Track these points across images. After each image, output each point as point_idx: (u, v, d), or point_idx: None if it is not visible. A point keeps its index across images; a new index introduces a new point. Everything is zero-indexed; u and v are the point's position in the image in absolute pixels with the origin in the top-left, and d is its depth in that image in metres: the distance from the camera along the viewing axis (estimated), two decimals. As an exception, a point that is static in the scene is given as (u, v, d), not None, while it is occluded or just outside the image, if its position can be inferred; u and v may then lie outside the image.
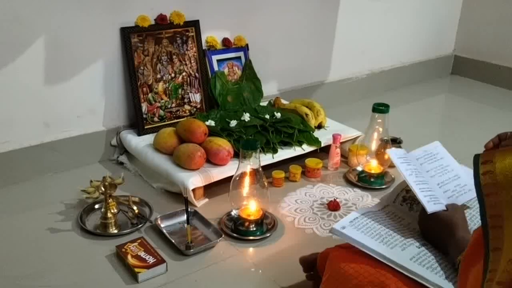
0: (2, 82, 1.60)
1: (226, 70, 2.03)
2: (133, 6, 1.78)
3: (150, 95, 1.85)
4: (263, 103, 2.08)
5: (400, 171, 1.17)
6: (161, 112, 1.88)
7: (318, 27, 2.35)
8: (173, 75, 1.90)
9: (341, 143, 1.85)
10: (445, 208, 1.10)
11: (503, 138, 0.89)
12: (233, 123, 1.81)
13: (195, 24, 1.92)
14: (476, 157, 0.76)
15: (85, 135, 1.81)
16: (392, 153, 1.24)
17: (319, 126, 1.96)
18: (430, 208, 1.08)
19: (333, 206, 1.60)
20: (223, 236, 1.41)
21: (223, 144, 1.65)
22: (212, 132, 1.73)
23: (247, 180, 1.44)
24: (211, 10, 1.97)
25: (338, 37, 2.44)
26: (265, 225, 1.48)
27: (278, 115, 1.88)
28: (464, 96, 2.78)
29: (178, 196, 1.62)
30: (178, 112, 1.92)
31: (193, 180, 1.56)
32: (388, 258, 1.00)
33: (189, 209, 1.40)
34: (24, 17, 1.58)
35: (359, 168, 1.79)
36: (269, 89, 2.22)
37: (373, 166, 1.76)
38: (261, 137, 1.76)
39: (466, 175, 1.26)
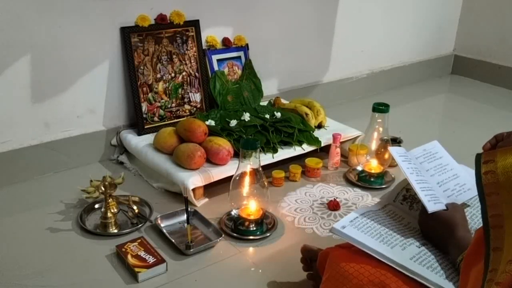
0: (2, 82, 1.60)
1: (226, 70, 2.03)
2: (133, 6, 1.78)
3: (150, 94, 1.85)
4: (263, 103, 2.08)
5: (402, 169, 1.17)
6: (161, 112, 1.88)
7: (318, 26, 2.35)
8: (173, 74, 1.90)
9: (341, 142, 1.85)
10: (445, 208, 1.10)
11: (500, 139, 0.89)
12: (233, 122, 1.81)
13: (195, 23, 1.93)
14: (478, 156, 0.76)
15: (85, 135, 1.81)
16: (394, 151, 1.24)
17: (319, 126, 1.96)
18: (431, 207, 1.08)
19: (333, 205, 1.60)
20: (223, 235, 1.41)
21: (223, 144, 1.65)
22: (212, 131, 1.73)
23: (247, 180, 1.44)
24: (211, 9, 1.97)
25: (338, 36, 2.44)
26: (265, 225, 1.48)
27: (278, 114, 1.88)
28: (464, 96, 2.78)
29: (178, 195, 1.62)
30: (178, 112, 1.92)
31: (193, 180, 1.56)
32: (388, 257, 1.00)
33: (189, 209, 1.40)
34: (24, 17, 1.58)
35: (359, 168, 1.79)
36: (269, 89, 2.22)
37: (373, 166, 1.75)
38: (261, 136, 1.76)
39: (465, 174, 1.26)
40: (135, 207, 1.50)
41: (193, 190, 1.56)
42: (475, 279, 0.81)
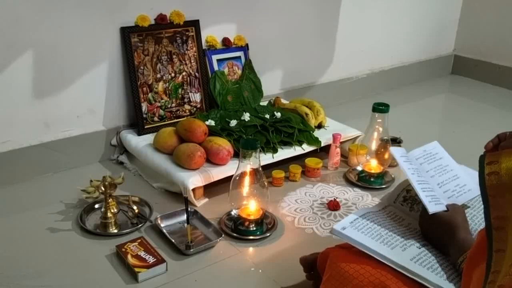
0: (2, 82, 1.60)
1: (226, 70, 2.03)
2: (133, 6, 1.78)
3: (150, 94, 1.85)
4: (263, 103, 2.08)
5: (403, 170, 1.17)
6: (161, 112, 1.88)
7: (318, 26, 2.35)
8: (173, 74, 1.90)
9: (341, 142, 1.85)
10: (446, 209, 1.10)
11: (503, 138, 0.89)
12: (233, 122, 1.81)
13: (195, 23, 1.92)
14: (482, 158, 0.75)
15: (85, 135, 1.81)
16: (394, 151, 1.23)
17: (319, 126, 1.96)
18: (432, 208, 1.08)
19: (333, 205, 1.60)
20: (223, 235, 1.41)
21: (223, 144, 1.65)
22: (212, 131, 1.73)
23: (247, 180, 1.44)
24: (211, 9, 1.97)
25: (338, 36, 2.44)
26: (265, 225, 1.48)
27: (278, 114, 1.88)
28: (464, 96, 2.78)
29: (178, 195, 1.62)
30: (178, 112, 1.92)
31: (193, 180, 1.56)
32: (389, 258, 1.00)
33: (189, 209, 1.40)
34: (24, 17, 1.58)
35: (359, 168, 1.79)
36: (269, 89, 2.22)
37: (373, 166, 1.75)
38: (261, 136, 1.76)
39: (466, 174, 1.26)
40: (135, 207, 1.50)
41: (193, 190, 1.56)
42: (477, 280, 0.81)
